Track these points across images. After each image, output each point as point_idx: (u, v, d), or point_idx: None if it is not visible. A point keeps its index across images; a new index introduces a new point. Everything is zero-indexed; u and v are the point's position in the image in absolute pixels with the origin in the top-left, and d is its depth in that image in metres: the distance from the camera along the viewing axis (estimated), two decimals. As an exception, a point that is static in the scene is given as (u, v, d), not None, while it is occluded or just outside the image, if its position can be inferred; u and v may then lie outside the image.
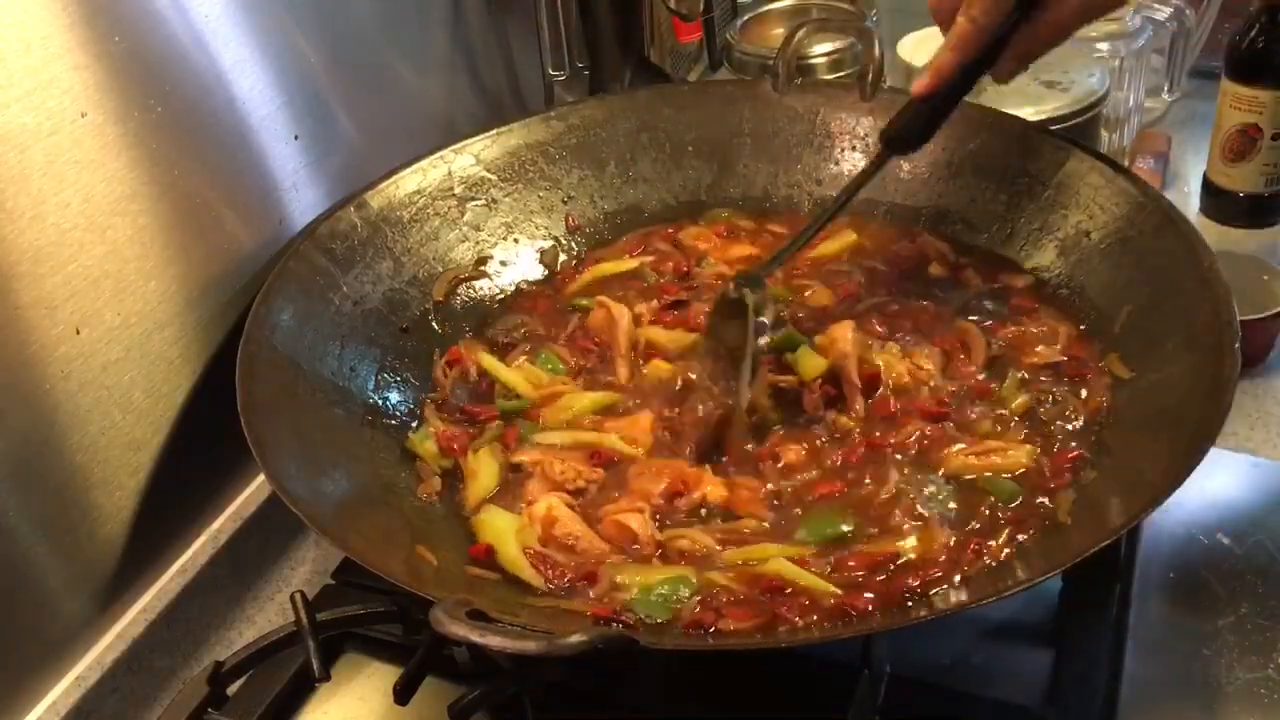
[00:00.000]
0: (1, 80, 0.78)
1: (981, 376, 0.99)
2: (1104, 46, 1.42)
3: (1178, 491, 0.75)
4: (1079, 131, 1.24)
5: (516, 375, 1.04)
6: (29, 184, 0.81)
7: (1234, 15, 1.44)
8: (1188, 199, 1.41)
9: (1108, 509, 0.83)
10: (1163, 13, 1.47)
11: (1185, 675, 0.87)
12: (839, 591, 0.82)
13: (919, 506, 0.88)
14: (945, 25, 0.93)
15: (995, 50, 0.91)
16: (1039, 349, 1.01)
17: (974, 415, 0.96)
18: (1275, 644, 0.88)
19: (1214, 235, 1.21)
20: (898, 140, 0.99)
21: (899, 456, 0.93)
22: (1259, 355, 1.15)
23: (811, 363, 0.99)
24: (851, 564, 0.84)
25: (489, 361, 1.05)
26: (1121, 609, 0.91)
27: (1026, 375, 0.99)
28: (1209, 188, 1.37)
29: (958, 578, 0.83)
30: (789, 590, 0.83)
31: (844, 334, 0.99)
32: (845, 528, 0.88)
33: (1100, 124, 1.32)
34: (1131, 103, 1.45)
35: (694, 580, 0.84)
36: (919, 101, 0.96)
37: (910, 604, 0.81)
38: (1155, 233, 1.00)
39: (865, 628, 0.82)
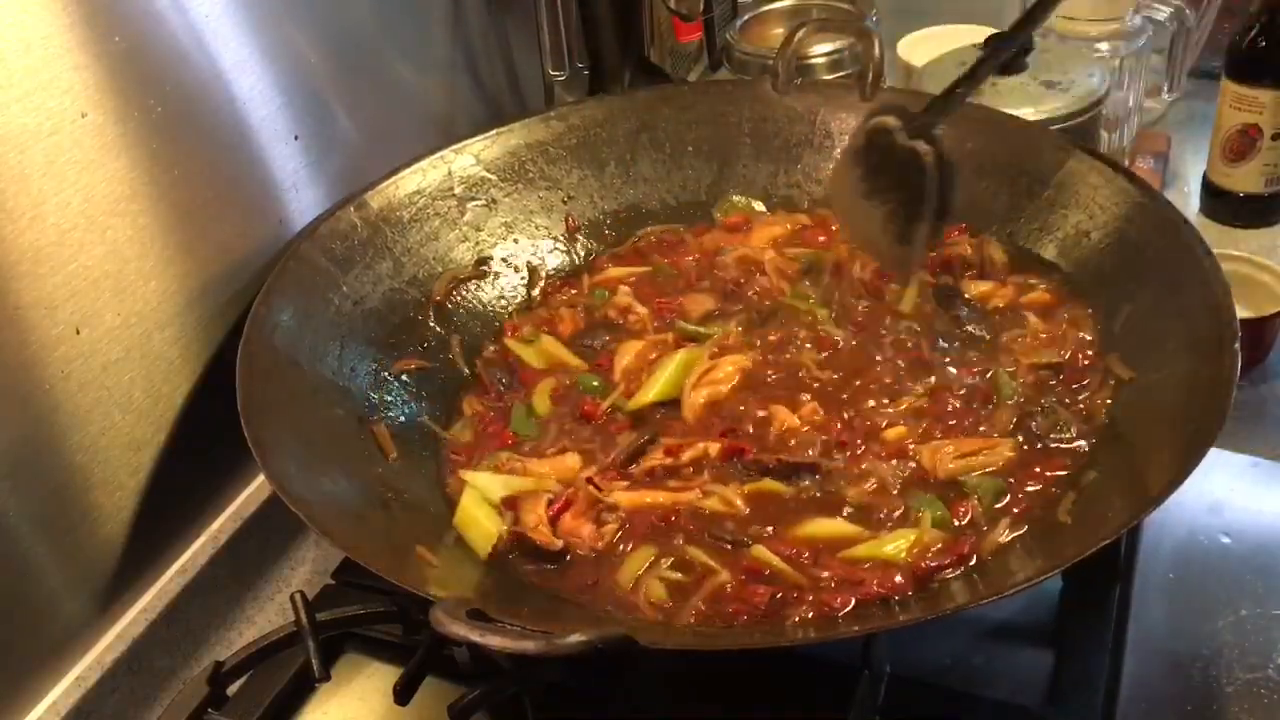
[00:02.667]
0: (1, 80, 0.78)
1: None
2: (1104, 46, 1.42)
3: (1178, 491, 0.75)
4: (1079, 131, 1.24)
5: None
6: (29, 184, 0.81)
7: (1234, 15, 1.44)
8: (1188, 199, 1.41)
9: (1108, 509, 0.83)
10: (1163, 13, 1.47)
11: (1185, 675, 0.87)
12: (803, 580, 0.83)
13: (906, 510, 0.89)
14: None
15: None
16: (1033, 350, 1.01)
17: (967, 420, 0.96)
18: (1275, 644, 0.88)
19: (1214, 235, 1.21)
20: None
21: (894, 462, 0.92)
22: (1259, 355, 1.15)
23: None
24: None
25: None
26: (1121, 609, 0.91)
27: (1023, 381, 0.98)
28: (1209, 188, 1.37)
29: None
30: (767, 572, 0.84)
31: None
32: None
33: (1100, 124, 1.32)
34: (1131, 103, 1.45)
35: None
36: None
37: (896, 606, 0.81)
38: (1155, 233, 1.00)
39: (865, 628, 0.82)
